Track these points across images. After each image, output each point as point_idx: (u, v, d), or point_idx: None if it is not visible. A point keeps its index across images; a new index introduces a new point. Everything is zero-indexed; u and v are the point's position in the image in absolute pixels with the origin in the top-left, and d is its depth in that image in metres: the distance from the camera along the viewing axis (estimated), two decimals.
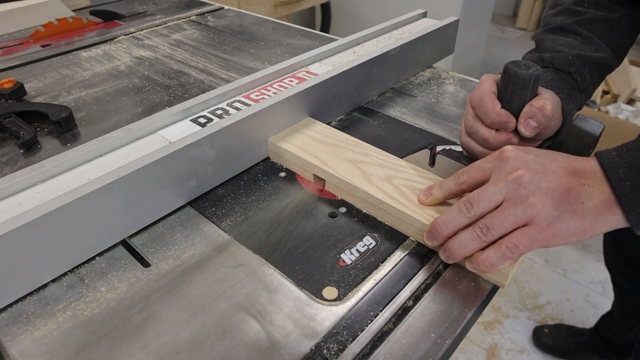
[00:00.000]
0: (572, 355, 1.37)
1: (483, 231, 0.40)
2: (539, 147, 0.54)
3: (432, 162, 0.51)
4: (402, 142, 0.61)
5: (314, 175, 0.53)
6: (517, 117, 0.48)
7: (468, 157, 0.51)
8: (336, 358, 0.36)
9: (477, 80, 0.77)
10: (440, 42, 0.80)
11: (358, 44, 0.76)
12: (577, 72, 0.54)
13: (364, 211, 0.49)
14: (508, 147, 0.42)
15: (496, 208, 0.40)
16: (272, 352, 0.36)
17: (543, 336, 1.40)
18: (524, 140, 0.51)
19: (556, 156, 0.42)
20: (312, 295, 0.41)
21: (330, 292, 0.41)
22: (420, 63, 0.79)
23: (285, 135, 0.57)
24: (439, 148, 0.53)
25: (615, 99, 2.07)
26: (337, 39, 0.81)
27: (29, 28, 1.03)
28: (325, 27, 2.50)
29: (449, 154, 0.51)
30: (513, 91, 0.47)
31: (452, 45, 0.84)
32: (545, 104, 0.47)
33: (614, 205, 0.39)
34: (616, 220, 0.39)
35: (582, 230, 0.39)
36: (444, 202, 0.46)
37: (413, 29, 0.81)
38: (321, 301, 0.40)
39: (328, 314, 0.39)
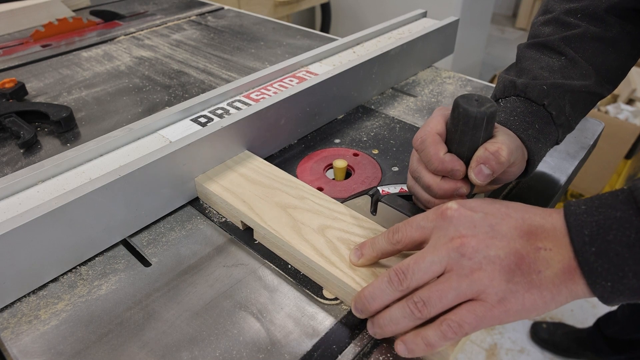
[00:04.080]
0: (566, 351, 1.39)
1: (418, 306, 0.33)
2: (496, 192, 0.50)
3: (373, 210, 0.45)
4: (402, 142, 0.61)
5: (241, 222, 0.47)
6: (469, 159, 0.40)
7: (415, 206, 0.45)
8: (337, 358, 0.36)
9: (477, 80, 0.77)
10: (440, 41, 0.80)
11: (358, 44, 0.76)
12: (552, 104, 0.46)
13: (297, 268, 0.43)
14: (451, 205, 0.36)
15: (434, 279, 0.34)
16: (272, 351, 0.36)
17: (540, 330, 1.43)
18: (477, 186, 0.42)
19: (509, 211, 0.35)
20: (312, 295, 0.41)
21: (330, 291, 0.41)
22: (420, 63, 0.79)
23: (215, 174, 0.51)
24: (386, 189, 0.46)
25: (615, 99, 2.07)
26: (337, 39, 0.81)
27: (29, 28, 1.03)
28: (325, 27, 2.50)
29: (392, 201, 0.44)
30: (463, 131, 0.39)
31: (452, 45, 0.84)
32: (501, 148, 0.39)
33: (577, 273, 0.32)
34: (581, 290, 0.32)
35: (541, 304, 0.32)
36: (379, 263, 0.40)
37: (413, 29, 0.81)
38: (322, 300, 0.40)
39: (328, 313, 0.39)
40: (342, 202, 0.48)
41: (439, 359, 0.35)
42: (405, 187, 0.47)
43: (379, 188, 0.46)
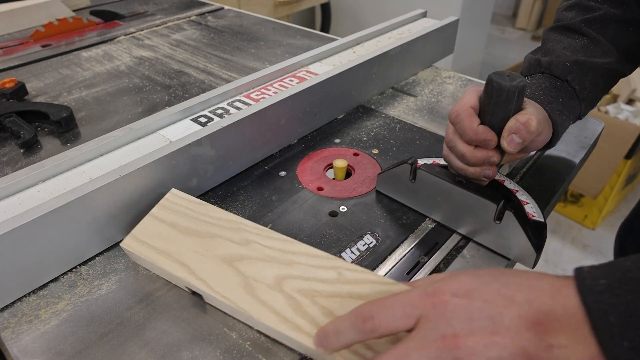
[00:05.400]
0: None
1: None
2: (520, 165, 0.53)
3: (412, 177, 0.48)
4: (402, 141, 0.61)
5: (186, 287, 0.40)
6: (500, 130, 0.44)
7: (450, 173, 0.48)
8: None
9: (477, 80, 0.77)
10: (440, 41, 0.80)
11: (358, 44, 0.76)
12: (575, 80, 0.50)
13: (262, 335, 0.38)
14: (445, 290, 0.29)
15: None
16: (273, 350, 0.36)
17: None
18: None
19: (512, 293, 0.28)
20: None
21: None
22: (420, 63, 0.79)
23: (143, 232, 0.43)
24: (420, 162, 0.50)
25: (615, 99, 2.07)
26: (337, 39, 0.81)
27: (29, 28, 1.03)
28: (325, 27, 2.50)
29: (430, 169, 0.47)
30: (496, 104, 0.43)
31: (452, 45, 0.84)
32: (531, 119, 0.43)
33: None
34: None
35: None
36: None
37: (413, 29, 0.81)
38: None
39: None
40: (379, 175, 0.51)
41: None
42: (437, 160, 0.51)
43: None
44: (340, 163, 0.55)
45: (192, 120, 0.55)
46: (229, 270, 0.39)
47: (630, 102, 2.08)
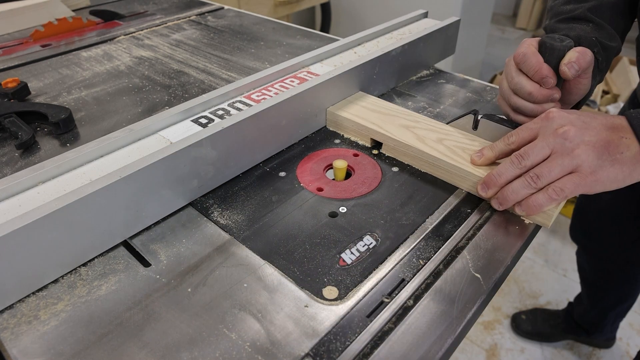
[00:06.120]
0: (549, 337, 1.41)
1: (533, 179, 0.45)
2: None
3: (475, 126, 0.57)
4: None
5: (371, 139, 0.60)
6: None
7: (508, 121, 0.56)
8: (337, 358, 0.36)
9: (478, 81, 0.77)
10: (441, 42, 0.80)
11: (359, 44, 0.76)
12: (599, 53, 0.57)
13: (421, 169, 0.55)
14: (552, 109, 0.48)
15: (544, 160, 0.45)
16: (272, 351, 0.36)
17: (521, 323, 1.44)
18: (562, 97, 0.57)
19: (595, 115, 0.47)
20: (312, 295, 0.41)
21: (330, 291, 0.41)
22: (421, 63, 0.79)
23: (342, 107, 0.64)
24: (480, 115, 0.58)
25: (615, 98, 2.07)
26: (337, 39, 0.81)
27: (29, 28, 1.03)
28: (325, 27, 2.50)
29: (491, 118, 0.56)
30: (549, 62, 0.52)
31: (453, 45, 0.84)
32: (586, 51, 0.52)
33: None
34: None
35: (621, 177, 0.44)
36: (493, 163, 0.51)
37: (414, 30, 0.81)
38: (322, 301, 0.40)
39: (328, 313, 0.39)
40: (447, 124, 0.60)
41: (545, 218, 0.47)
42: (495, 115, 0.59)
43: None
44: (340, 164, 0.55)
45: (192, 121, 0.55)
46: (404, 130, 0.58)
47: None
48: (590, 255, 1.16)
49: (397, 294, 0.41)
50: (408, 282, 0.42)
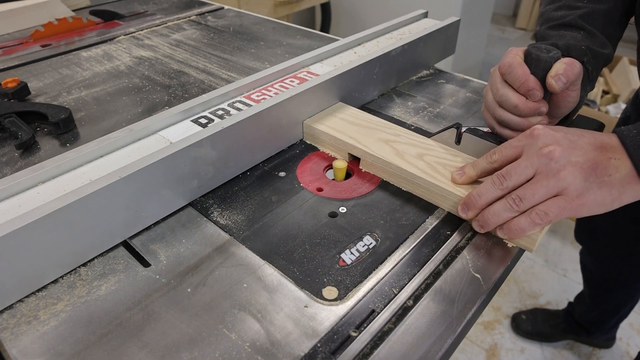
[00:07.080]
0: (549, 337, 1.41)
1: (516, 202, 0.43)
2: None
3: (458, 140, 0.55)
4: None
5: (349, 154, 0.57)
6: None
7: (492, 135, 0.54)
8: (336, 358, 0.36)
9: (477, 80, 0.77)
10: (441, 42, 0.80)
11: (359, 44, 0.76)
12: (589, 62, 0.55)
13: (401, 188, 0.53)
14: (538, 126, 0.45)
15: (528, 181, 0.43)
16: (272, 351, 0.36)
17: (521, 323, 1.44)
18: (549, 113, 0.54)
19: (583, 133, 0.45)
20: (312, 295, 0.41)
21: (330, 291, 0.41)
22: (421, 63, 0.79)
23: (319, 119, 0.61)
24: (463, 128, 0.55)
25: (615, 99, 2.07)
26: (337, 39, 0.81)
27: (29, 28, 1.03)
28: (325, 27, 2.50)
29: (474, 132, 0.54)
30: (535, 73, 0.49)
31: (453, 45, 0.84)
32: (574, 62, 0.49)
33: (637, 178, 0.42)
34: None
35: (609, 200, 0.42)
36: (475, 181, 0.49)
37: (414, 30, 0.81)
38: (321, 301, 0.40)
39: (328, 313, 0.39)
40: (429, 137, 0.57)
41: (529, 242, 0.45)
42: (478, 127, 0.56)
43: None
44: (340, 164, 0.55)
45: (192, 121, 0.55)
46: (383, 145, 0.55)
47: None
48: (595, 257, 1.16)
49: (397, 294, 0.41)
50: (409, 280, 0.42)
